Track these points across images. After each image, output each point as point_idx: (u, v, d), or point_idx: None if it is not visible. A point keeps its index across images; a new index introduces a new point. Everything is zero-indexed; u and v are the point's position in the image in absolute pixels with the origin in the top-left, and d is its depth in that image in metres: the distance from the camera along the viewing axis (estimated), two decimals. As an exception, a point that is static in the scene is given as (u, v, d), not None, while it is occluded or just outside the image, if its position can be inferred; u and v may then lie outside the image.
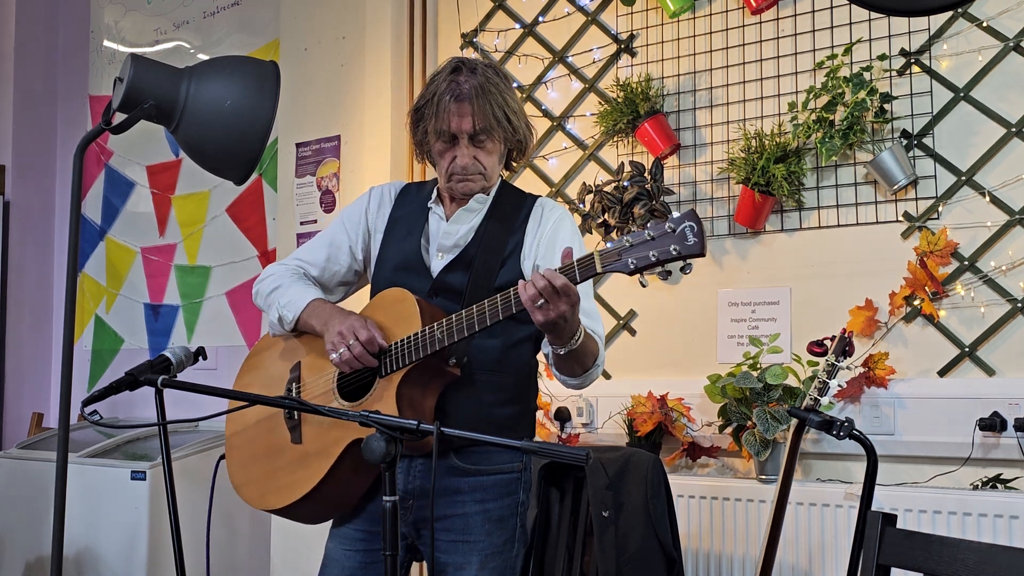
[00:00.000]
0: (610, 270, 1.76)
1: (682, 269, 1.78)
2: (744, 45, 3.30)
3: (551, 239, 2.12)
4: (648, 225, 1.75)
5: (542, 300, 1.78)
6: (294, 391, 2.17)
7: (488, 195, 2.17)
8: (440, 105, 2.06)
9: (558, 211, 2.18)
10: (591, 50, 3.64)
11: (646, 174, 3.33)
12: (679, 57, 3.43)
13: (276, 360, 2.26)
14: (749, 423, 2.97)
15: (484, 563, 2.06)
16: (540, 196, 2.23)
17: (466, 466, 2.07)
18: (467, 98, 2.05)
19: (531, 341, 2.16)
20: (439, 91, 2.07)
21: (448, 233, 2.15)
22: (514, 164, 2.25)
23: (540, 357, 2.21)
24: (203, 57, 4.81)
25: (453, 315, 1.93)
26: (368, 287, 2.31)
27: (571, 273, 1.79)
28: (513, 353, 2.12)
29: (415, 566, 2.29)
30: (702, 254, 1.73)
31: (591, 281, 2.11)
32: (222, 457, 2.24)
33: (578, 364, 2.00)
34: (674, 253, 1.71)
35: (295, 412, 2.13)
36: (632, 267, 1.74)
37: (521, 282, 1.82)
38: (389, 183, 2.33)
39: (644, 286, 2.99)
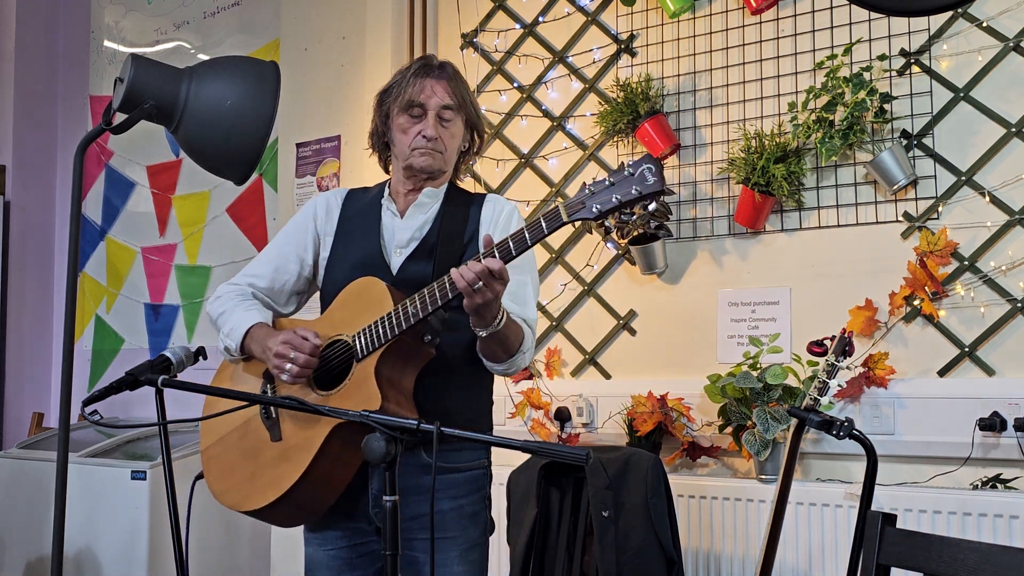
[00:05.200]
0: (577, 218, 1.83)
1: (654, 222, 1.85)
2: (744, 45, 3.30)
3: (505, 228, 2.18)
4: (609, 173, 1.83)
5: (480, 284, 1.85)
6: (269, 392, 2.15)
7: (439, 190, 2.22)
8: (412, 81, 2.15)
9: (510, 204, 2.25)
10: (591, 50, 3.64)
11: (646, 174, 3.33)
12: (679, 57, 3.43)
13: (242, 375, 2.23)
14: (749, 423, 2.97)
15: (463, 557, 2.10)
16: (488, 194, 2.29)
17: (438, 464, 2.06)
18: (440, 76, 2.17)
19: None
20: (410, 72, 2.18)
21: (404, 229, 2.18)
22: (462, 171, 2.31)
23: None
24: (203, 57, 4.81)
25: (425, 288, 1.96)
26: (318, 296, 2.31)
27: (537, 229, 1.85)
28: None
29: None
30: (663, 191, 1.81)
31: (533, 270, 2.19)
32: (199, 476, 2.21)
33: (502, 348, 2.04)
34: (635, 193, 1.79)
35: (272, 411, 2.12)
36: (597, 212, 1.81)
37: (454, 270, 1.87)
38: (333, 190, 2.34)
39: (609, 229, 3.13)
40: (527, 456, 3.01)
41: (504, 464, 3.33)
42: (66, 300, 1.97)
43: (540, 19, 3.76)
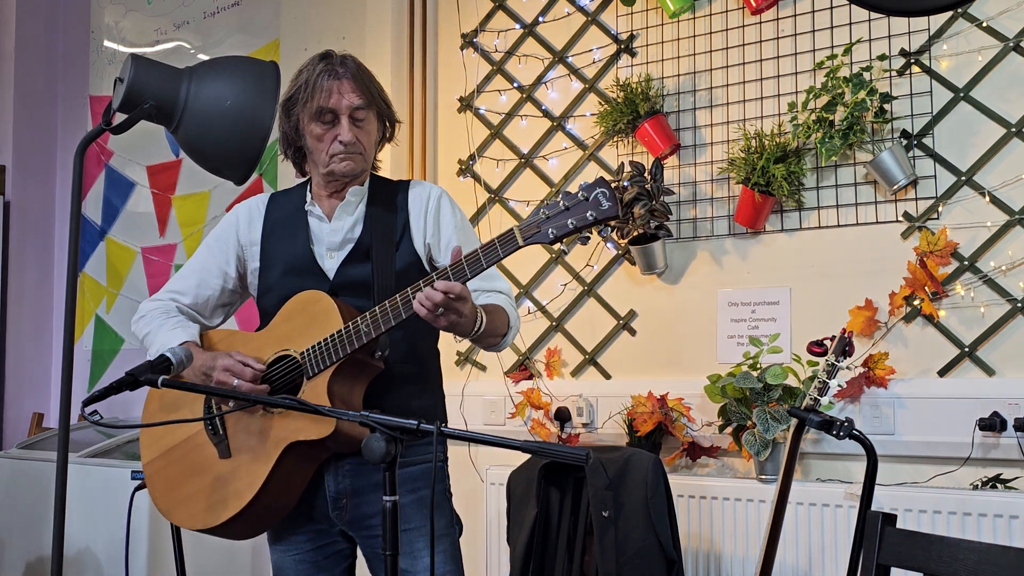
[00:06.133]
0: (532, 242, 1.82)
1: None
2: (744, 45, 3.30)
3: (436, 216, 2.17)
4: (561, 195, 1.82)
5: (441, 309, 1.85)
6: (213, 408, 2.12)
7: (363, 186, 2.19)
8: (317, 86, 2.09)
9: (436, 189, 2.23)
10: (591, 50, 3.64)
11: (646, 174, 3.33)
12: (679, 57, 3.43)
13: (178, 393, 2.18)
14: (749, 423, 2.97)
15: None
16: (411, 180, 2.26)
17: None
18: (345, 76, 2.11)
19: (434, 330, 2.17)
20: (313, 75, 2.11)
21: (334, 231, 2.15)
22: (378, 158, 2.27)
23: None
24: (203, 57, 4.81)
25: (376, 307, 1.94)
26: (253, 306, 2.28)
27: (492, 252, 1.84)
28: (422, 343, 2.16)
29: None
30: (618, 216, 1.82)
31: (476, 242, 2.15)
32: (140, 486, 2.19)
33: (492, 337, 2.07)
34: (591, 219, 1.79)
35: (220, 428, 2.09)
36: (552, 236, 1.81)
37: (415, 303, 1.86)
38: (253, 197, 2.31)
39: (565, 253, 3.02)
40: (527, 456, 3.01)
41: (504, 464, 3.33)
42: (66, 300, 1.97)
43: (540, 19, 3.76)
